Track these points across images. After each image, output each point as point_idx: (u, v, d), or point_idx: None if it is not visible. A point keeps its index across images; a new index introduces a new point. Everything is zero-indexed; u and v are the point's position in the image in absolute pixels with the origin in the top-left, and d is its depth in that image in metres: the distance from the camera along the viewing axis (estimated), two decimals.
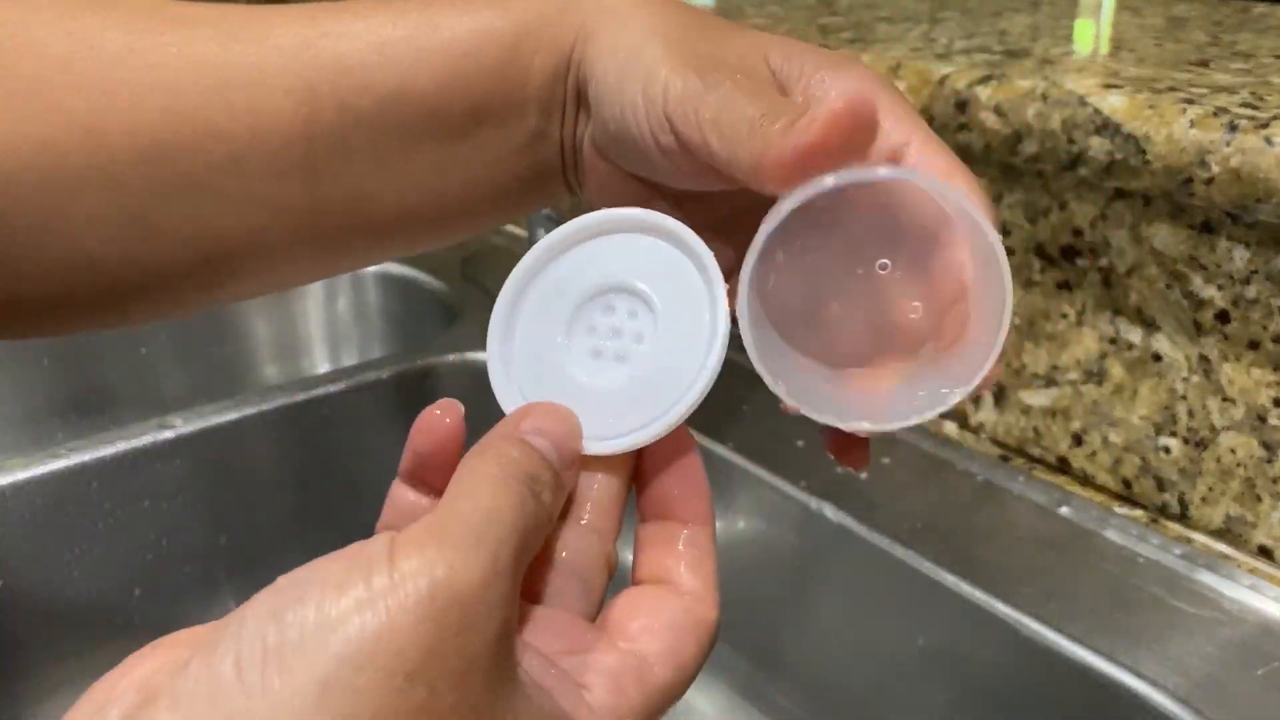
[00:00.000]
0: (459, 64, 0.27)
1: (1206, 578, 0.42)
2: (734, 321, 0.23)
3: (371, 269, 0.75)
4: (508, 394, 0.25)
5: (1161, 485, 0.46)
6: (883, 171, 0.22)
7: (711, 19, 0.28)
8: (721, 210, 0.28)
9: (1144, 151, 0.40)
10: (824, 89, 0.25)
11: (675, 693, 0.22)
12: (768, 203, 0.23)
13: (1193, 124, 0.39)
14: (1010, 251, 0.49)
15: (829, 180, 0.21)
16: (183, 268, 0.29)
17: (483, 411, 0.69)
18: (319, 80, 0.27)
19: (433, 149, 0.28)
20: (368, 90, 0.27)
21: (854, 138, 0.23)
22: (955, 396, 0.22)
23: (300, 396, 0.57)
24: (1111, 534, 0.44)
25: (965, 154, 0.49)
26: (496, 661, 0.19)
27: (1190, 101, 0.40)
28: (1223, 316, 0.42)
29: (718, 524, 0.56)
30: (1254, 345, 0.41)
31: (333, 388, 0.58)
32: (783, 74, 0.26)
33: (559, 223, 0.63)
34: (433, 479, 0.26)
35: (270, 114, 0.27)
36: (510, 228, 0.83)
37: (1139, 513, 0.46)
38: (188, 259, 0.28)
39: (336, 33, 0.28)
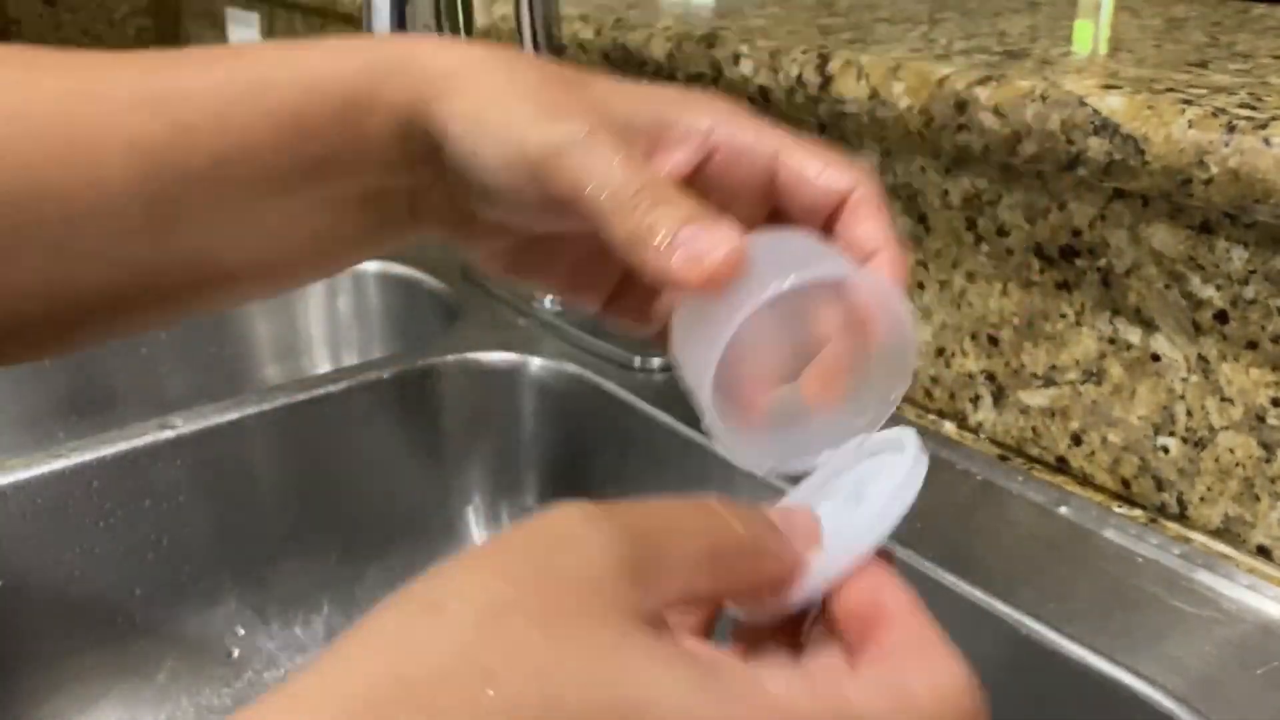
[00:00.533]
0: (292, 126, 0.28)
1: (1205, 577, 0.42)
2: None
3: (372, 268, 0.75)
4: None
5: (1160, 485, 0.46)
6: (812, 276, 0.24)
7: (559, 71, 0.28)
8: (587, 247, 0.29)
9: (1143, 152, 0.40)
10: (738, 163, 0.27)
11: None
12: None
13: (1191, 124, 0.39)
14: (1009, 252, 0.49)
15: (766, 295, 0.23)
16: (34, 318, 0.29)
17: (483, 411, 0.69)
18: (156, 142, 0.27)
19: (272, 205, 0.29)
20: (203, 150, 0.28)
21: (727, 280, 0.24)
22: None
23: (301, 396, 0.57)
24: (1110, 534, 0.44)
25: (964, 155, 0.49)
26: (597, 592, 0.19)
27: (1189, 102, 0.40)
28: (1221, 317, 0.42)
29: None
30: (1252, 345, 0.42)
31: (333, 388, 0.58)
32: (640, 121, 0.27)
33: None
34: None
35: (109, 174, 0.27)
36: None
37: (1138, 512, 0.46)
38: (39, 310, 0.29)
39: (174, 95, 0.28)
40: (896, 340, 0.25)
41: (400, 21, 0.45)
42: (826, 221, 0.28)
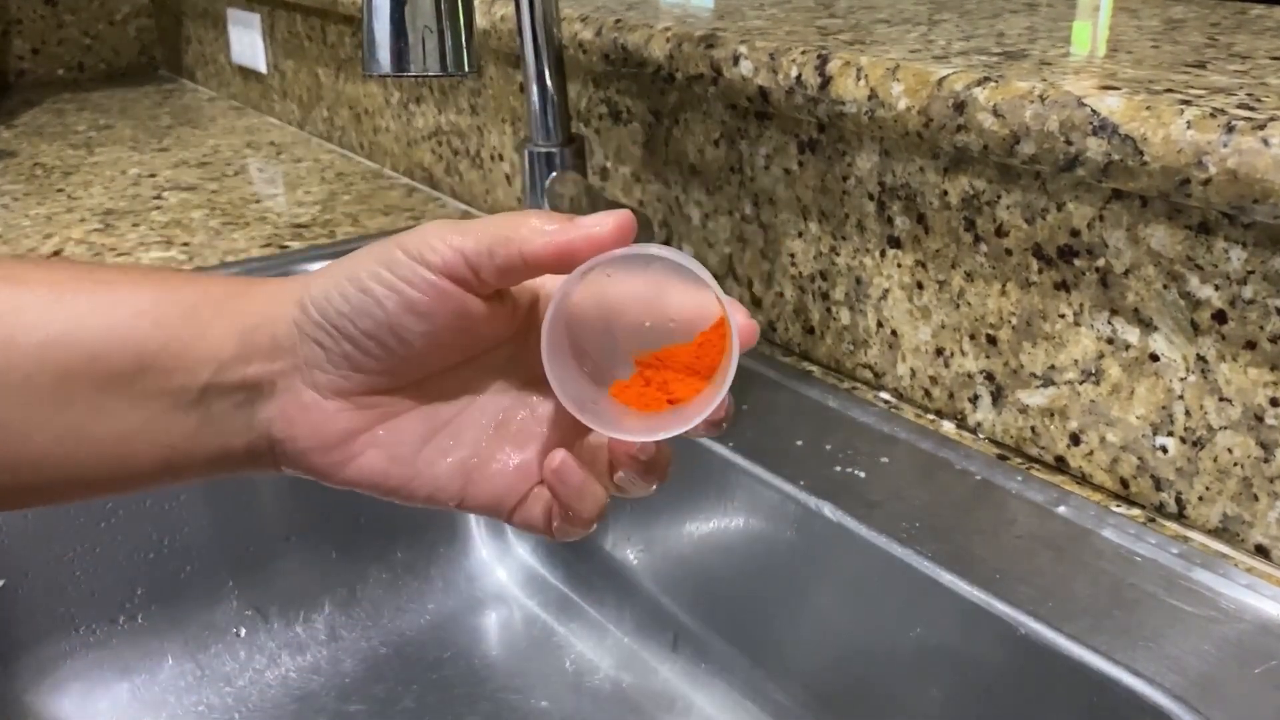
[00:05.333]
0: (131, 320, 0.29)
1: (1203, 576, 0.42)
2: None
3: None
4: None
5: (1159, 484, 0.46)
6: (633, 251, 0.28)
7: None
8: (435, 390, 0.31)
9: (1141, 152, 0.40)
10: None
11: None
12: (467, 385, 0.31)
13: (1190, 125, 0.39)
14: (1008, 252, 0.49)
15: (618, 251, 0.28)
16: None
17: None
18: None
19: (90, 396, 0.28)
20: (37, 329, 0.28)
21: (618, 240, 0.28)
22: (685, 427, 0.28)
23: None
24: (1108, 533, 0.44)
25: (963, 155, 0.49)
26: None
27: (1187, 103, 0.40)
28: (1220, 317, 0.42)
29: (718, 522, 0.56)
30: (1251, 345, 0.42)
31: None
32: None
33: None
34: None
35: None
36: None
37: (1136, 512, 0.46)
38: None
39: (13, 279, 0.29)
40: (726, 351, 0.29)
41: (400, 22, 0.45)
42: None
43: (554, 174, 0.61)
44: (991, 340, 0.51)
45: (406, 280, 0.28)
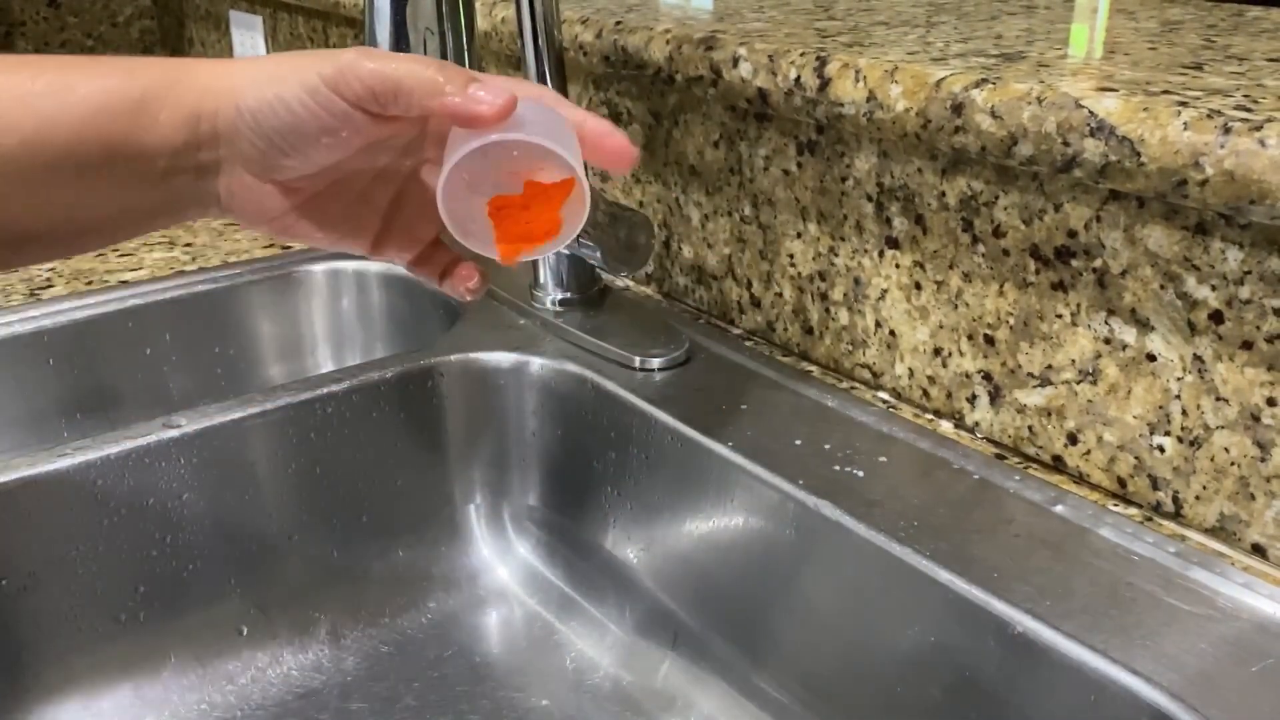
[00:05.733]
0: (92, 117, 0.34)
1: (1200, 575, 0.42)
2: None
3: (375, 268, 0.76)
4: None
5: (1156, 484, 0.46)
6: (520, 136, 0.35)
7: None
8: (354, 193, 0.39)
9: (1138, 154, 0.41)
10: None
11: None
12: (376, 169, 0.39)
13: (1187, 126, 0.39)
14: (1006, 252, 0.49)
15: (495, 136, 0.35)
16: None
17: (485, 410, 0.69)
18: None
19: (73, 182, 0.35)
20: (13, 133, 0.33)
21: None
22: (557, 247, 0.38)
23: (304, 396, 0.57)
24: (1106, 532, 0.45)
25: (961, 156, 0.49)
26: None
27: (1184, 104, 0.40)
28: (1216, 317, 0.42)
29: (718, 521, 0.57)
30: (1247, 345, 0.42)
31: (336, 387, 0.58)
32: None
33: None
34: None
35: None
36: None
37: (1133, 511, 0.47)
38: None
39: None
40: (577, 206, 0.37)
41: (401, 24, 0.46)
42: None
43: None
44: (989, 340, 0.51)
45: (325, 108, 0.34)
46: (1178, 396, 0.44)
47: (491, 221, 0.37)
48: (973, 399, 0.53)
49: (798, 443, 0.52)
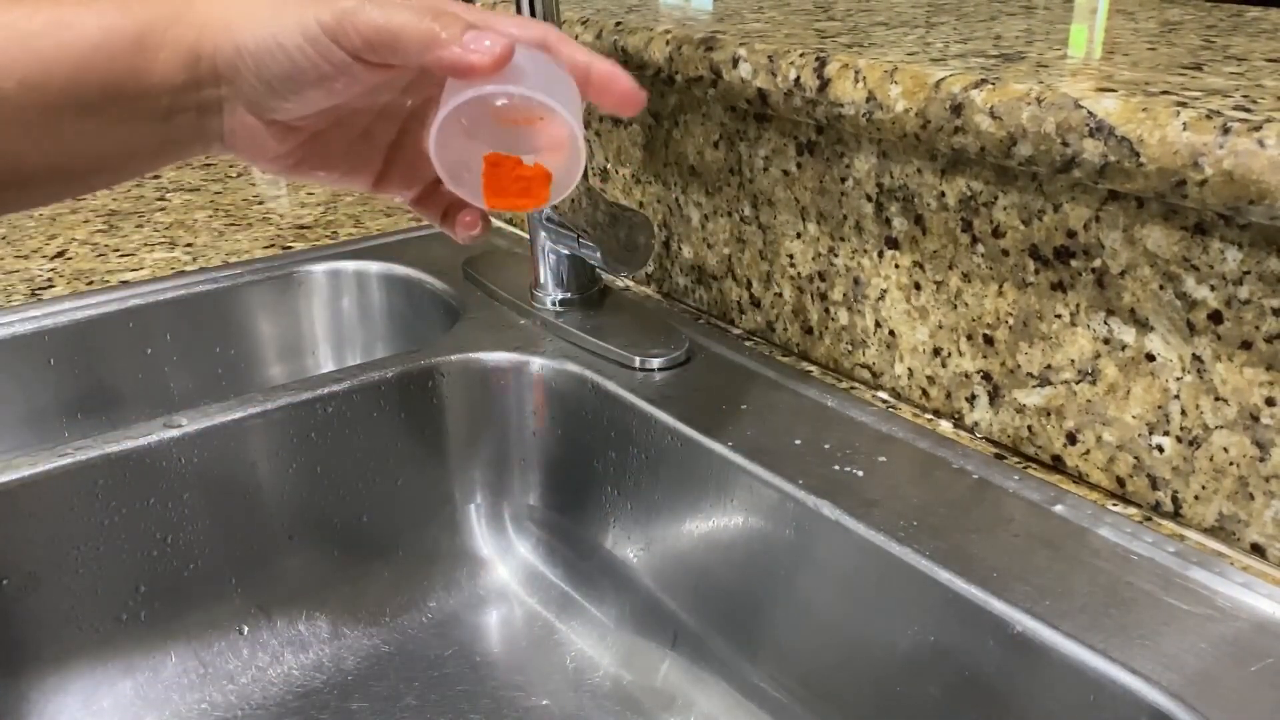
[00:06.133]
0: (90, 56, 0.34)
1: (1200, 575, 0.42)
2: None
3: (375, 268, 0.76)
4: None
5: (1155, 484, 0.46)
6: (514, 89, 0.35)
7: None
8: (357, 131, 0.39)
9: (1137, 154, 0.41)
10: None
11: None
12: (377, 112, 0.40)
13: (1186, 127, 0.39)
14: (1005, 253, 0.49)
15: (489, 88, 0.34)
16: None
17: (485, 410, 0.69)
18: None
19: (74, 122, 0.34)
20: (11, 74, 0.33)
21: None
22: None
23: (304, 396, 0.58)
24: (1105, 531, 0.45)
25: (960, 157, 0.50)
26: None
27: (1183, 104, 0.40)
28: (1215, 317, 0.43)
29: (717, 521, 0.57)
30: (1246, 345, 0.42)
31: (336, 387, 0.58)
32: None
33: (559, 224, 0.63)
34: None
35: None
36: (511, 229, 0.84)
37: (1132, 510, 0.47)
38: None
39: None
40: (572, 162, 0.37)
41: None
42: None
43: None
44: (988, 340, 0.51)
45: (323, 56, 0.34)
46: (1177, 396, 0.45)
47: (484, 171, 0.37)
48: (972, 399, 0.53)
49: (797, 442, 0.52)
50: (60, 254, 0.77)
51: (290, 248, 0.78)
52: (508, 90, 0.35)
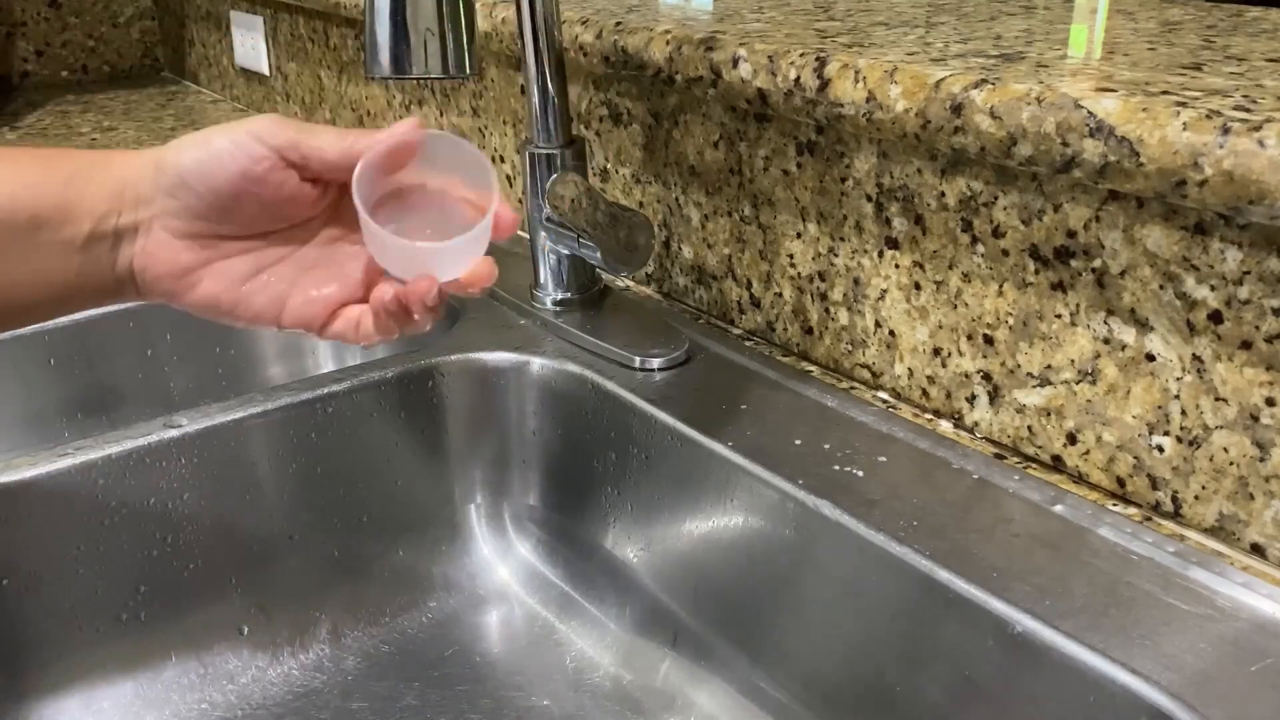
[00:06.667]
0: (21, 191, 0.38)
1: (1199, 575, 0.42)
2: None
3: None
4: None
5: (1155, 484, 0.46)
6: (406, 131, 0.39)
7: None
8: (261, 242, 0.41)
9: (1137, 154, 0.41)
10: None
11: None
12: (288, 241, 0.42)
13: (1186, 127, 0.39)
14: (1005, 253, 0.49)
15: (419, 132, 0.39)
16: None
17: (485, 410, 0.69)
18: None
19: (5, 249, 0.37)
20: None
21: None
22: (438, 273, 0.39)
23: (304, 396, 0.58)
24: (1105, 531, 0.45)
25: (960, 157, 0.50)
26: None
27: (1183, 104, 0.40)
28: (1215, 317, 0.43)
29: (717, 521, 0.57)
30: (1246, 345, 0.42)
31: (337, 387, 0.58)
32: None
33: (559, 224, 0.63)
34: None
35: None
36: None
37: (1132, 510, 0.47)
38: None
39: None
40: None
41: (401, 24, 0.46)
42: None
43: (554, 175, 0.61)
44: (988, 340, 0.51)
45: (247, 150, 0.38)
46: (1177, 396, 0.45)
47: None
48: (972, 399, 0.53)
49: (797, 442, 0.52)
50: None
51: None
52: (429, 132, 0.38)
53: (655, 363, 0.59)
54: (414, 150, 0.39)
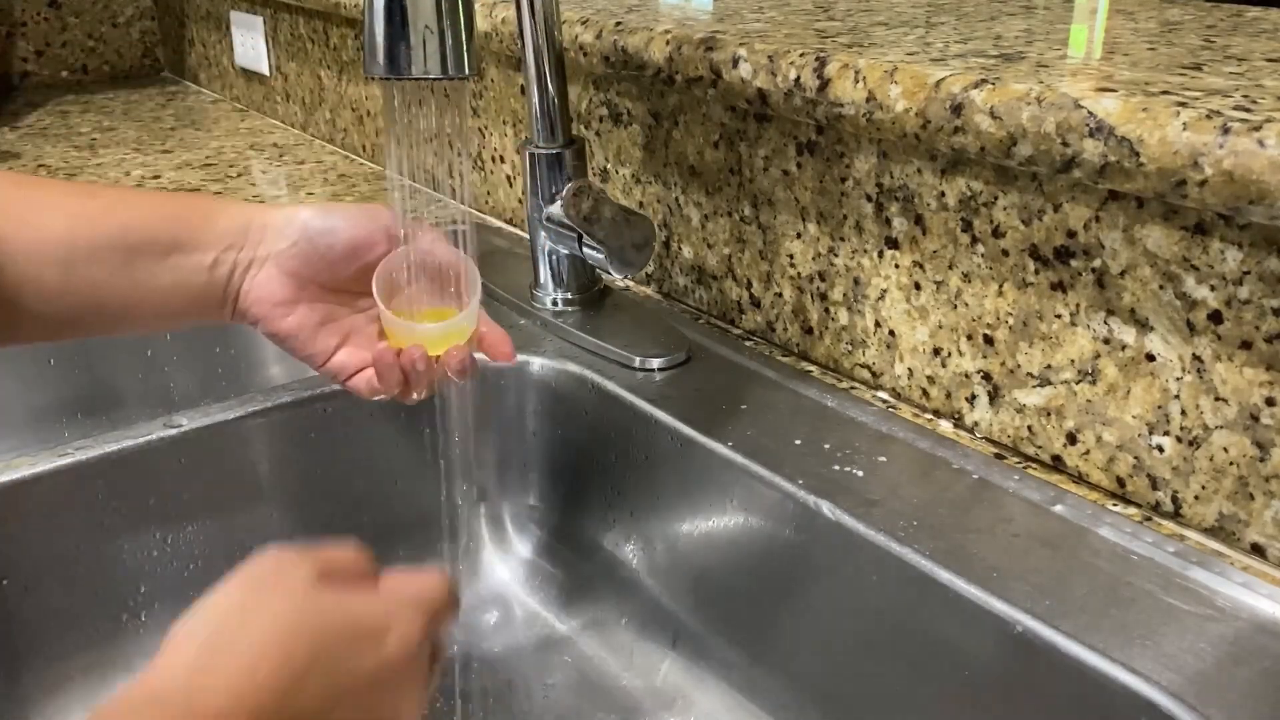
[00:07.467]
0: (167, 219, 0.45)
1: (1199, 575, 0.42)
2: None
3: None
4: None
5: (1155, 484, 0.46)
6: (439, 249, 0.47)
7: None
8: (342, 297, 0.48)
9: (1137, 154, 0.41)
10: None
11: None
12: (357, 302, 0.48)
13: (1186, 127, 0.39)
14: (1005, 253, 0.49)
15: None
16: None
17: (486, 409, 0.69)
18: (81, 218, 0.44)
19: (145, 263, 0.44)
20: (109, 221, 0.44)
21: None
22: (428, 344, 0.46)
23: (304, 395, 0.58)
24: (1105, 531, 0.45)
25: (960, 157, 0.50)
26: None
27: (1183, 104, 0.40)
28: (1215, 317, 0.43)
29: (717, 521, 0.57)
30: (1246, 345, 0.42)
31: (337, 387, 0.58)
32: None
33: (559, 223, 0.63)
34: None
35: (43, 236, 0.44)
36: (511, 229, 0.84)
37: (1132, 510, 0.47)
38: None
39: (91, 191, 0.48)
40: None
41: (401, 24, 0.46)
42: None
43: (570, 184, 0.61)
44: (988, 340, 0.51)
45: (362, 224, 0.46)
46: (1177, 396, 0.45)
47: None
48: (972, 399, 0.53)
49: (797, 442, 0.52)
50: None
51: None
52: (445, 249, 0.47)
53: (655, 363, 0.59)
54: (432, 258, 0.47)
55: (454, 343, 0.46)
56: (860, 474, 0.49)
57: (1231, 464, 0.43)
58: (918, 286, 0.54)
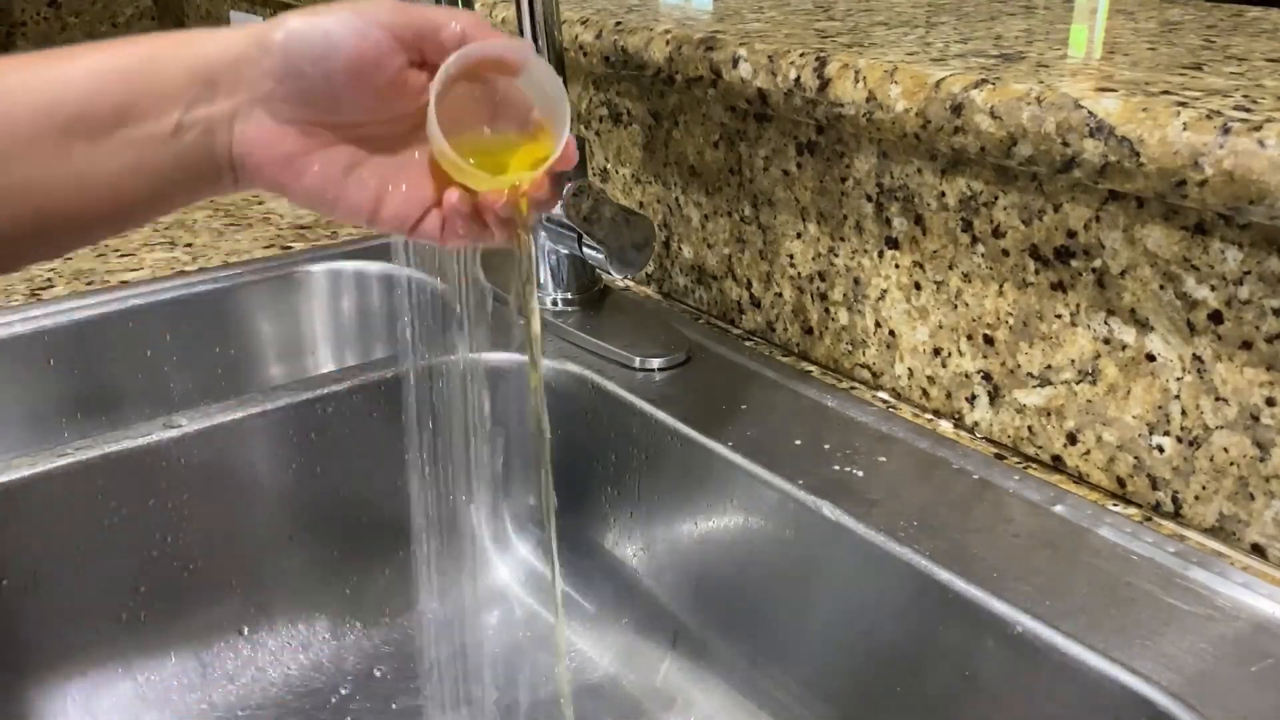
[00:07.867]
0: (103, 76, 0.35)
1: (1200, 575, 0.42)
2: None
3: (375, 269, 0.76)
4: None
5: (1155, 484, 0.46)
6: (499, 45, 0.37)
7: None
8: (366, 130, 0.38)
9: (1137, 154, 0.41)
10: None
11: None
12: (391, 132, 0.38)
13: (1186, 127, 0.39)
14: (1005, 253, 0.49)
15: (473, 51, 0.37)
16: None
17: (486, 409, 0.68)
18: None
19: (86, 148, 0.34)
20: (24, 103, 0.34)
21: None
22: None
23: (304, 396, 0.58)
24: (1105, 532, 0.45)
25: (960, 157, 0.50)
26: None
27: (1184, 104, 0.40)
28: (1216, 317, 0.43)
29: (717, 521, 0.57)
30: (1247, 345, 0.42)
31: (336, 387, 0.58)
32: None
33: (559, 223, 0.63)
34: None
35: None
36: None
37: (1133, 511, 0.47)
38: None
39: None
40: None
41: None
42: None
43: (570, 184, 0.61)
44: (989, 340, 0.51)
45: (361, 31, 0.35)
46: (1177, 396, 0.45)
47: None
48: (972, 399, 0.53)
49: (797, 442, 0.52)
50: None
51: (290, 248, 0.78)
52: (533, 59, 0.38)
53: (655, 363, 0.59)
54: (515, 70, 0.38)
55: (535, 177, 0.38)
56: (860, 474, 0.49)
57: (1232, 464, 0.43)
58: (918, 286, 0.54)
